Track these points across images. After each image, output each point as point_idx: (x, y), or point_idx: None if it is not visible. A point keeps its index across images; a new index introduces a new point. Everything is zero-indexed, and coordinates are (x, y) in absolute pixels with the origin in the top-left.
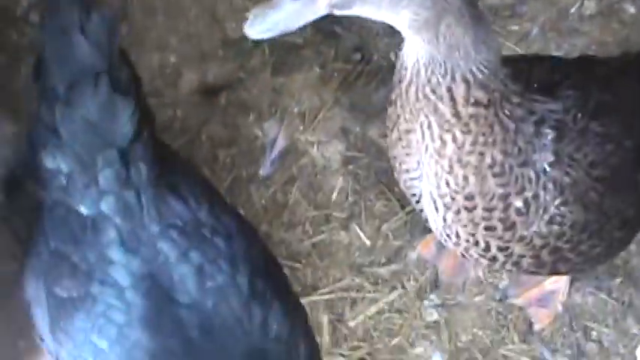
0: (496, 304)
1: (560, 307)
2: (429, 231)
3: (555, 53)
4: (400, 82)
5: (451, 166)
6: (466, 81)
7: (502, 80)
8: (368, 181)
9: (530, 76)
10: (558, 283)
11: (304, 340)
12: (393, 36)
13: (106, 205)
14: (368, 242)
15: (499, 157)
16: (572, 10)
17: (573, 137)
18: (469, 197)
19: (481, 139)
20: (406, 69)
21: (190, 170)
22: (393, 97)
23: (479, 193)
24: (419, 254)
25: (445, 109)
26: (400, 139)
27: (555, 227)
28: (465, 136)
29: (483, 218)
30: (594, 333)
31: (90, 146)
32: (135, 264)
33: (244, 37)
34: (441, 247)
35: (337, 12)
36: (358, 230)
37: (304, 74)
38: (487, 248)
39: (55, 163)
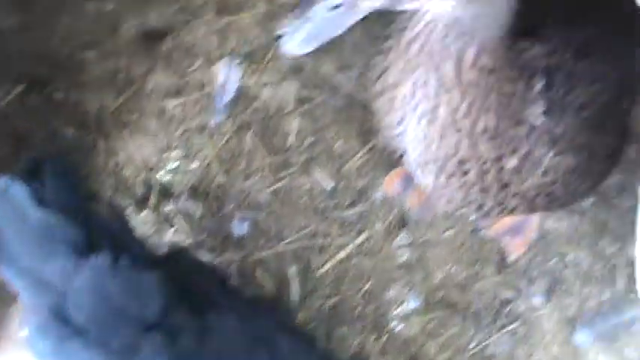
0: (468, 238)
1: (533, 235)
2: (393, 167)
3: None
4: (401, 31)
5: (443, 130)
6: (482, 45)
7: (506, 44)
8: (325, 120)
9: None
10: None
11: None
12: None
13: None
14: (330, 185)
15: (493, 122)
16: None
17: (562, 82)
18: (461, 162)
19: (477, 103)
20: (416, 23)
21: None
22: (384, 46)
23: (471, 157)
24: (384, 192)
25: (449, 69)
26: (385, 92)
27: (548, 177)
28: (462, 99)
29: (477, 182)
30: (570, 258)
31: (123, 332)
32: None
33: None
34: (406, 182)
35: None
36: (319, 173)
37: (250, 11)
38: (481, 207)
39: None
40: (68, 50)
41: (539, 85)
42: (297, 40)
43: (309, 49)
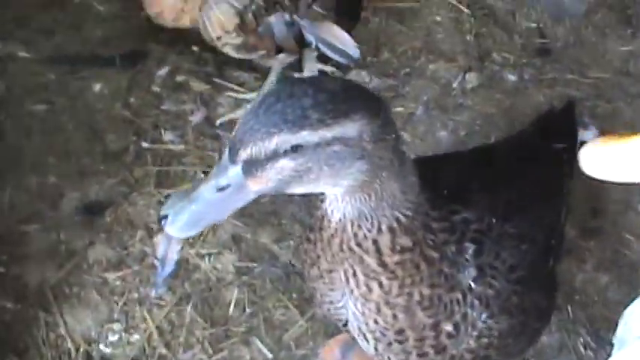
0: None
1: None
2: (332, 335)
3: (442, 132)
4: (322, 229)
5: (379, 308)
6: (392, 230)
7: (424, 213)
8: (264, 291)
9: (437, 183)
10: None
11: None
12: None
13: None
14: (270, 355)
15: (427, 292)
16: (455, 84)
17: (491, 246)
18: (400, 332)
19: (408, 280)
20: (329, 222)
21: None
22: (312, 237)
23: (409, 327)
24: None
25: (371, 260)
26: (322, 276)
27: (484, 340)
28: (391, 282)
29: (415, 347)
30: None
31: None
32: None
33: (125, 149)
34: (345, 350)
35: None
36: (259, 343)
37: (189, 182)
38: None
39: None
40: (9, 223)
41: (469, 250)
42: (180, 222)
43: (193, 232)
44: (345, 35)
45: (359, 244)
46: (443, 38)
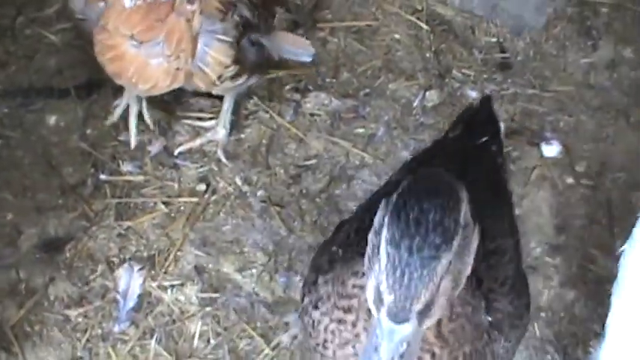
0: None
1: None
2: None
3: (403, 152)
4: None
5: None
6: (454, 299)
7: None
8: (228, 321)
9: None
10: None
11: None
12: (237, 160)
13: None
14: None
15: (468, 349)
16: (415, 103)
17: (483, 269)
18: None
19: (456, 345)
20: None
21: None
22: (347, 318)
23: None
24: None
25: (430, 333)
26: (356, 354)
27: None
28: (443, 351)
29: None
30: None
31: None
32: None
33: (83, 182)
34: None
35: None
36: None
37: (149, 214)
38: None
39: None
40: None
41: (473, 284)
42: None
43: None
44: (296, 37)
45: None
46: (402, 56)
